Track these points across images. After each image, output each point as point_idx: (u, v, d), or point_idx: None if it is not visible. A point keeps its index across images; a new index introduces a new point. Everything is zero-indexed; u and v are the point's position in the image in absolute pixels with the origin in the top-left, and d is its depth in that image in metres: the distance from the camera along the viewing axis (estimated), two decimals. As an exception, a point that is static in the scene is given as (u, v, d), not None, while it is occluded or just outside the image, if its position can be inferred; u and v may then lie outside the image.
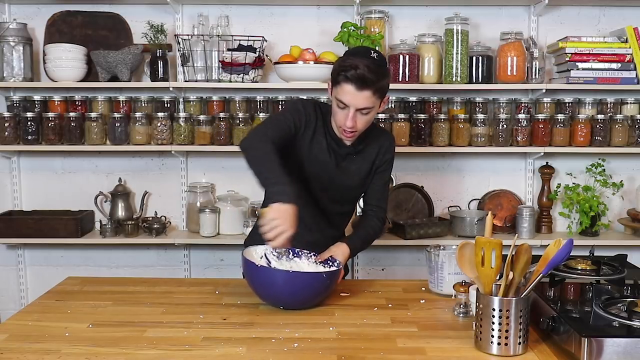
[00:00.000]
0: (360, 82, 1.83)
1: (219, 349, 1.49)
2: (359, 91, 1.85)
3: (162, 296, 1.90)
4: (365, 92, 1.85)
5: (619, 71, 2.98)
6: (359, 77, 1.83)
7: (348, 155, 2.06)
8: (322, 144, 2.02)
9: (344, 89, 1.86)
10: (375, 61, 1.87)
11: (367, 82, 1.84)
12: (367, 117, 1.92)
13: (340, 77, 1.86)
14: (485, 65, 3.03)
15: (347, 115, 1.89)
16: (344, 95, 1.87)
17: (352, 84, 1.84)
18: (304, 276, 1.77)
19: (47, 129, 3.01)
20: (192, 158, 3.27)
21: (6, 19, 3.15)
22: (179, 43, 3.02)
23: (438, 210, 3.28)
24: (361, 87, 1.84)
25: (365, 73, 1.83)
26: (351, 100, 1.87)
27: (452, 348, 1.49)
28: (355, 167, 2.07)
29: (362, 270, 3.33)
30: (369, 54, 1.89)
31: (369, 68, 1.84)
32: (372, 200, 2.15)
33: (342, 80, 1.86)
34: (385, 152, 2.10)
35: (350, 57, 1.89)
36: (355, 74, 1.83)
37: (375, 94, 1.87)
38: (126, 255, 3.32)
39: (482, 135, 3.03)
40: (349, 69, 1.84)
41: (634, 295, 1.61)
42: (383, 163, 2.11)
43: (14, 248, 3.30)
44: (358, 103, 1.87)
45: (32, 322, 1.68)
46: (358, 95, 1.86)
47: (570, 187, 3.16)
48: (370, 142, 2.09)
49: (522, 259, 1.46)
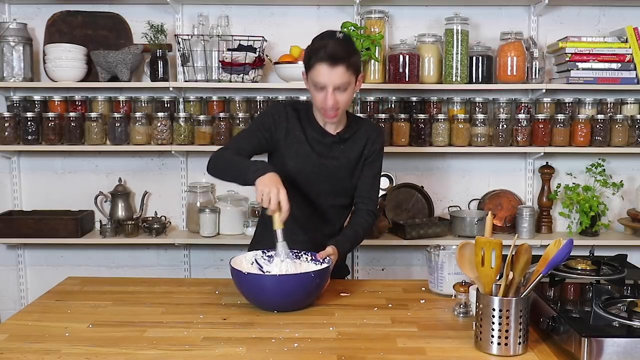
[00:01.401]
0: (332, 59, 1.89)
1: (219, 349, 1.49)
2: (332, 68, 1.90)
3: (162, 296, 1.90)
4: (338, 68, 1.90)
5: (619, 71, 2.98)
6: (329, 54, 1.89)
7: (334, 144, 2.07)
8: (300, 138, 2.05)
9: (318, 70, 1.92)
10: (343, 39, 1.95)
11: (338, 58, 1.89)
12: (346, 94, 1.96)
13: (312, 60, 1.93)
14: (485, 65, 3.03)
15: (326, 95, 1.93)
16: (319, 76, 1.92)
17: (324, 62, 1.90)
18: (292, 278, 1.76)
19: (47, 129, 3.01)
20: (192, 158, 3.27)
21: (6, 19, 3.15)
22: (179, 43, 3.02)
23: (438, 210, 3.28)
24: (334, 63, 1.89)
25: (335, 50, 1.90)
26: (327, 79, 1.91)
27: (452, 348, 1.49)
28: (344, 157, 2.08)
29: (362, 270, 3.33)
30: (335, 35, 1.96)
31: (338, 45, 1.91)
32: (362, 192, 2.14)
33: (314, 62, 1.92)
34: (373, 142, 2.11)
35: (317, 40, 1.96)
36: (326, 52, 1.89)
37: (349, 69, 1.92)
38: (126, 255, 3.32)
39: (482, 135, 3.03)
40: (319, 50, 1.91)
41: (634, 295, 1.61)
42: (372, 153, 2.11)
43: (14, 248, 3.30)
44: (334, 80, 1.91)
45: (32, 322, 1.68)
46: (332, 73, 1.90)
47: (570, 187, 3.16)
48: (357, 132, 2.10)
49: (522, 259, 1.46)
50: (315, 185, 2.07)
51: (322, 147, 2.07)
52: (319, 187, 2.08)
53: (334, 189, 2.11)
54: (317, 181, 2.07)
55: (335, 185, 2.11)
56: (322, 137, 2.07)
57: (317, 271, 1.75)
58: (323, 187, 2.08)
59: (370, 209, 2.13)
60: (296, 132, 2.06)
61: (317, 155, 2.06)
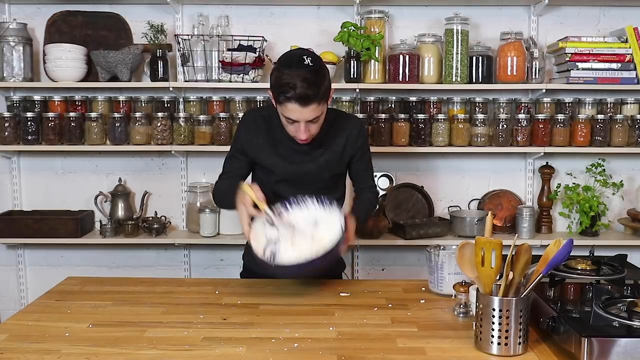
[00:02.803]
0: (303, 100, 1.82)
1: (219, 349, 1.49)
2: (303, 107, 1.84)
3: (162, 296, 1.90)
4: (310, 107, 1.84)
5: (619, 71, 2.98)
6: (300, 96, 1.81)
7: (310, 148, 2.04)
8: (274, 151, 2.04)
9: (288, 108, 1.86)
10: (311, 69, 1.84)
11: (309, 98, 1.82)
12: (319, 122, 1.94)
13: (281, 97, 1.85)
14: (485, 65, 3.03)
15: (299, 128, 1.90)
16: (291, 113, 1.87)
17: (295, 103, 1.83)
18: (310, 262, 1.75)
19: (47, 129, 3.01)
20: (192, 158, 3.27)
21: (6, 19, 3.15)
22: (179, 43, 3.02)
23: (438, 210, 3.28)
24: (305, 104, 1.83)
25: (305, 90, 1.81)
26: (299, 116, 1.87)
27: (452, 348, 1.49)
28: (323, 159, 2.06)
29: (362, 270, 3.33)
30: (303, 62, 1.84)
31: (307, 82, 1.81)
32: (360, 184, 2.20)
33: (283, 100, 1.85)
34: (355, 139, 2.09)
35: (285, 71, 1.84)
36: (296, 94, 1.81)
37: (321, 102, 1.87)
38: (126, 255, 3.32)
39: (482, 135, 3.03)
40: (288, 90, 1.82)
41: (634, 295, 1.61)
42: (357, 150, 2.11)
43: (14, 248, 3.30)
44: (306, 117, 1.87)
45: (32, 322, 1.68)
46: (304, 111, 1.85)
47: (570, 187, 3.16)
48: (335, 133, 2.07)
49: (522, 259, 1.46)
50: (300, 190, 2.04)
51: (300, 155, 2.05)
52: (304, 191, 2.03)
53: (319, 189, 2.06)
54: (300, 186, 2.05)
55: (320, 185, 2.08)
56: (297, 144, 2.02)
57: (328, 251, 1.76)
58: (308, 190, 2.03)
59: (373, 191, 2.22)
60: (270, 147, 2.04)
61: (296, 165, 2.05)
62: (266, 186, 2.01)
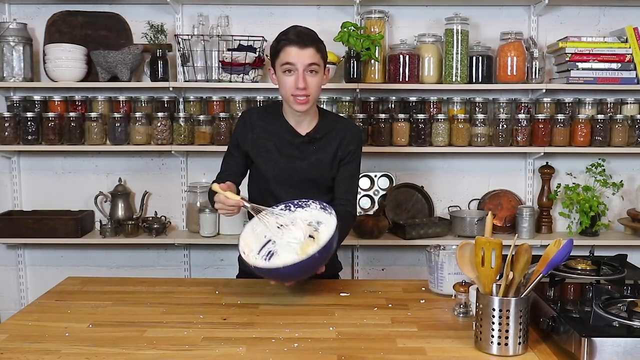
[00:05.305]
0: (301, 40, 1.93)
1: (219, 349, 1.49)
2: (302, 49, 1.93)
3: (162, 296, 1.90)
4: (308, 49, 1.94)
5: (619, 71, 2.98)
6: (298, 35, 1.94)
7: (304, 144, 2.06)
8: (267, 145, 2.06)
9: (287, 52, 1.94)
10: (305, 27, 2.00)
11: (307, 39, 1.94)
12: (316, 79, 1.97)
13: (280, 44, 1.95)
14: (485, 65, 3.03)
15: (297, 76, 1.94)
16: (289, 57, 1.94)
17: (294, 44, 1.93)
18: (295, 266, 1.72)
19: (47, 129, 3.01)
20: (192, 158, 3.27)
21: (6, 19, 3.15)
22: (179, 43, 3.02)
23: (438, 210, 3.28)
24: (303, 44, 1.93)
25: (302, 31, 1.96)
26: (297, 59, 1.93)
27: (452, 348, 1.49)
28: (315, 158, 2.06)
29: (362, 270, 3.33)
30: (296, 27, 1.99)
31: (303, 30, 1.97)
32: (338, 193, 2.11)
33: (283, 45, 1.94)
34: (348, 143, 2.09)
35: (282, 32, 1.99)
36: (295, 32, 1.94)
37: (318, 52, 1.96)
38: (126, 255, 3.32)
39: (482, 135, 3.03)
40: (287, 33, 1.95)
41: (634, 295, 1.61)
42: (347, 154, 2.09)
43: (14, 248, 3.30)
44: (304, 59, 1.93)
45: (32, 322, 1.67)
46: (302, 53, 1.93)
47: (570, 187, 3.16)
48: (331, 132, 2.08)
49: (522, 259, 1.46)
50: (288, 188, 2.05)
51: (292, 149, 2.06)
52: (293, 190, 2.05)
53: (306, 190, 2.06)
54: (289, 184, 2.06)
55: (308, 186, 2.07)
56: (292, 137, 2.06)
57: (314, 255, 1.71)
58: (296, 190, 2.05)
59: (348, 210, 2.09)
60: (262, 140, 2.06)
61: (286, 159, 2.06)
62: (259, 185, 2.04)
